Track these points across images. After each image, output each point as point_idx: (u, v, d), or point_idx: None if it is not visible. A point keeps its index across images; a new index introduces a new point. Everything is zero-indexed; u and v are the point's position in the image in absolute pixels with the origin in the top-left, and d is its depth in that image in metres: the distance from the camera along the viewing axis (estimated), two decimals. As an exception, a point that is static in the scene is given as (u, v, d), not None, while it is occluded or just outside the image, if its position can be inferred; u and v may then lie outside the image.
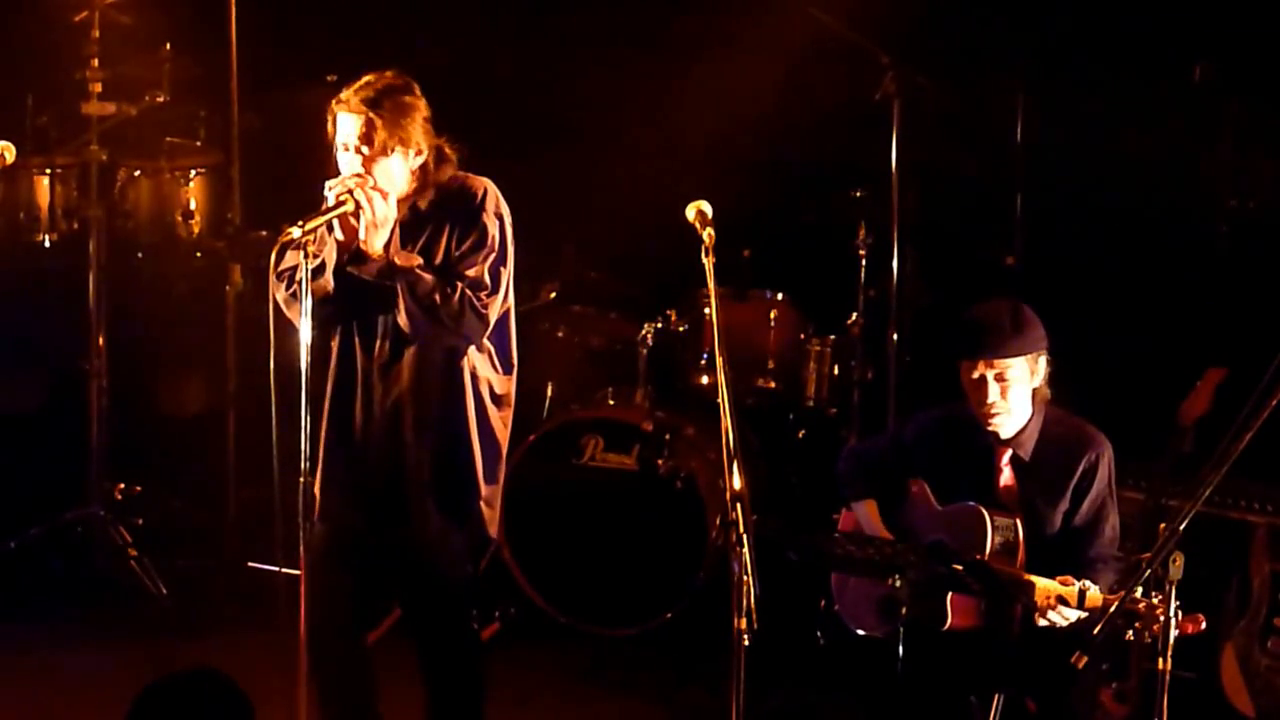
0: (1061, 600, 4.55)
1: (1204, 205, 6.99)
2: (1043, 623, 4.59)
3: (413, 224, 4.88)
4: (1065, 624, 4.57)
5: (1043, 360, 4.84)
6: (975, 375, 4.81)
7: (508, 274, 4.90)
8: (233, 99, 7.06)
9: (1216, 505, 5.85)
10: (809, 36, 6.95)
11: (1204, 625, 4.39)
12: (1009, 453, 4.88)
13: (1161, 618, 4.19)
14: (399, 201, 4.82)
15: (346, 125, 4.77)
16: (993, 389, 4.78)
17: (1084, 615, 4.54)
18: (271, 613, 6.16)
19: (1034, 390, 4.85)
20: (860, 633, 5.00)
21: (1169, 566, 4.12)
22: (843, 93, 7.16)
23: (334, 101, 4.81)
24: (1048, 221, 7.31)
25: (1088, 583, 4.56)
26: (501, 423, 5.02)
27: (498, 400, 5.00)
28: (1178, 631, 4.20)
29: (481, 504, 4.99)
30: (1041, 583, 4.59)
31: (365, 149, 4.75)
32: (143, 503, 7.40)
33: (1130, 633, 4.37)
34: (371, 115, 4.73)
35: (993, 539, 4.72)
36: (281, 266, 4.81)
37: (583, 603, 6.77)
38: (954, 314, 5.03)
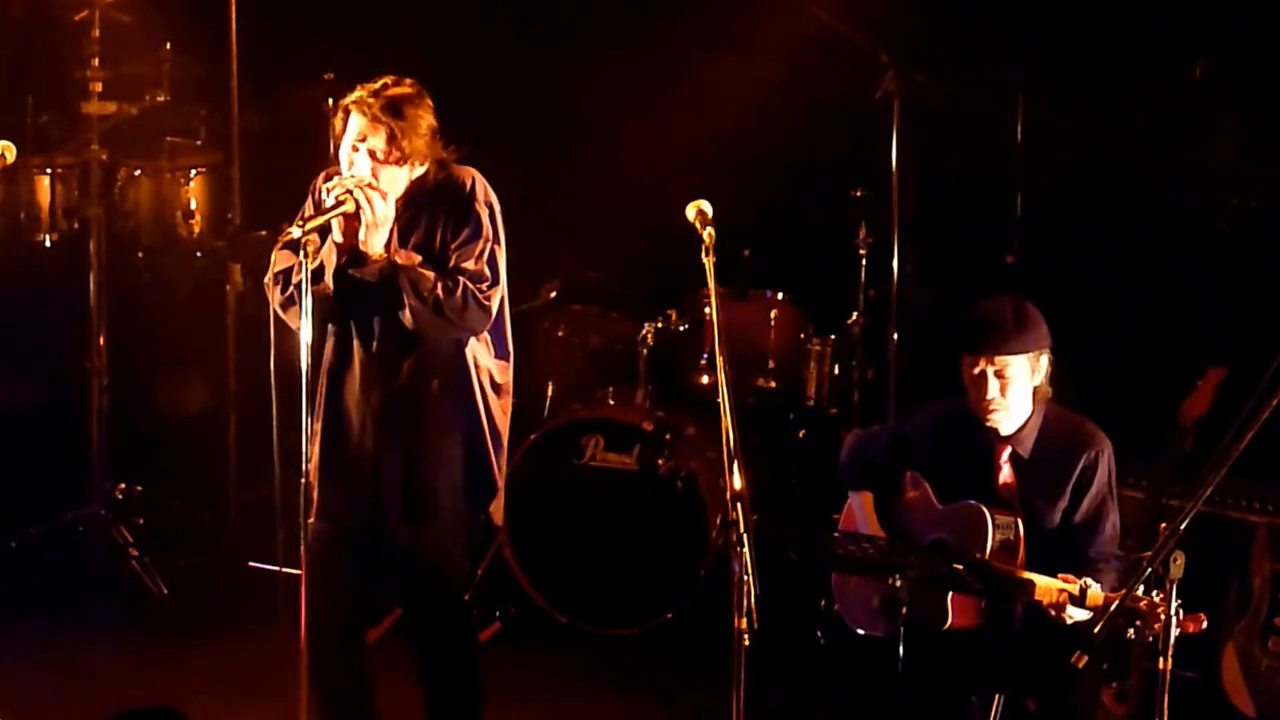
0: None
1: (1205, 204, 6.98)
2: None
3: (405, 219, 4.87)
4: (1066, 621, 4.57)
5: (1044, 359, 4.84)
6: (976, 371, 4.81)
7: (503, 262, 4.90)
8: (233, 99, 7.06)
9: (1217, 505, 5.86)
10: (809, 35, 6.95)
11: (1205, 625, 4.38)
12: (1008, 450, 4.88)
13: (1162, 617, 4.19)
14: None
15: (360, 127, 4.75)
16: (992, 385, 4.79)
17: (1085, 615, 4.54)
18: (271, 613, 6.17)
19: (1035, 388, 4.85)
20: (860, 633, 5.00)
21: (1170, 565, 4.12)
22: (843, 91, 7.15)
23: (350, 101, 4.77)
24: (1048, 221, 7.31)
25: (1088, 581, 4.56)
26: (502, 411, 5.02)
27: (497, 389, 5.01)
28: (1178, 631, 4.20)
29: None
30: (1042, 581, 4.59)
31: (379, 154, 4.74)
32: (143, 503, 7.39)
33: (1131, 632, 4.37)
34: (393, 126, 4.72)
35: (993, 538, 4.71)
36: (275, 269, 4.80)
37: (583, 602, 6.76)
38: (954, 314, 5.02)
